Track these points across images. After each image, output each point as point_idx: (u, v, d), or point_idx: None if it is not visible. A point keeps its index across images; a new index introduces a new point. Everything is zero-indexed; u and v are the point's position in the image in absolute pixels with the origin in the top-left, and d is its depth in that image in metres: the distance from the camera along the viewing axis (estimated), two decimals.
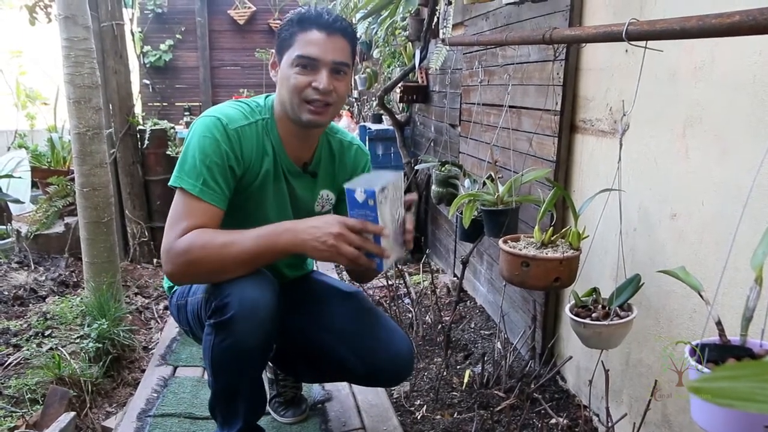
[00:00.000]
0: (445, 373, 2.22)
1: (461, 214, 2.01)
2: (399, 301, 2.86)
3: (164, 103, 6.37)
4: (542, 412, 1.90)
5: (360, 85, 5.05)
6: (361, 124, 4.71)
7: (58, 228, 3.36)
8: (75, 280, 3.04)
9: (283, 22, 1.46)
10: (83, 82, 2.37)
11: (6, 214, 3.38)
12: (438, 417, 1.97)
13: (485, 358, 2.15)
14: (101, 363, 2.20)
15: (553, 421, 1.81)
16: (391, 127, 3.94)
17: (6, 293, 2.75)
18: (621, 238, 1.47)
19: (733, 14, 0.96)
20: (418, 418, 1.97)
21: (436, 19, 3.06)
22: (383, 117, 4.25)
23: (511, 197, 1.85)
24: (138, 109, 4.31)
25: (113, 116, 3.36)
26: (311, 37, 1.40)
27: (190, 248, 1.32)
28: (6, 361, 2.12)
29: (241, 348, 1.39)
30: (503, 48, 2.35)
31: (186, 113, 6.03)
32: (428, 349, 2.47)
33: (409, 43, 3.86)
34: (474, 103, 2.69)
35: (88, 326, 2.32)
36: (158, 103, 6.34)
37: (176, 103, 6.35)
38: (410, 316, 2.70)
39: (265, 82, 6.43)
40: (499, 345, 2.23)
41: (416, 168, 3.63)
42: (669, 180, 1.48)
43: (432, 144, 3.57)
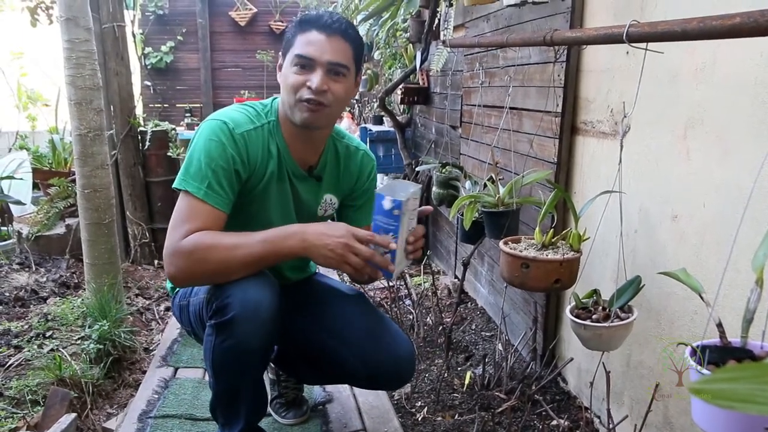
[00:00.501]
0: (446, 374, 2.22)
1: (462, 215, 2.02)
2: (400, 303, 2.86)
3: (165, 105, 6.37)
4: (543, 413, 1.90)
5: (361, 87, 5.06)
6: (362, 125, 4.71)
7: (59, 229, 3.36)
8: (76, 281, 3.04)
9: (289, 24, 1.46)
10: (84, 83, 2.37)
11: (7, 216, 3.39)
12: (439, 418, 1.97)
13: (486, 359, 2.15)
14: (102, 364, 2.20)
15: (554, 422, 1.81)
16: (392, 129, 3.94)
17: (7, 294, 2.75)
18: (622, 240, 1.47)
19: (734, 16, 0.96)
20: (419, 419, 1.97)
21: (437, 21, 3.06)
22: (384, 118, 4.25)
23: (512, 199, 1.85)
24: (139, 110, 4.31)
25: (114, 118, 3.36)
26: (310, 37, 1.41)
27: (194, 249, 1.32)
28: (7, 362, 2.12)
29: (242, 349, 1.39)
30: (504, 50, 2.35)
31: (187, 115, 6.03)
32: (429, 351, 2.46)
33: (410, 44, 3.86)
34: (475, 105, 2.69)
35: (89, 327, 2.32)
36: (159, 105, 6.33)
37: (177, 105, 6.35)
38: (411, 317, 2.70)
39: (266, 83, 6.43)
40: (500, 346, 2.23)
41: (417, 170, 3.63)
42: (670, 181, 1.48)
43: (433, 145, 3.58)
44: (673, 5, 1.45)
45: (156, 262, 3.59)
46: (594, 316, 1.42)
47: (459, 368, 2.32)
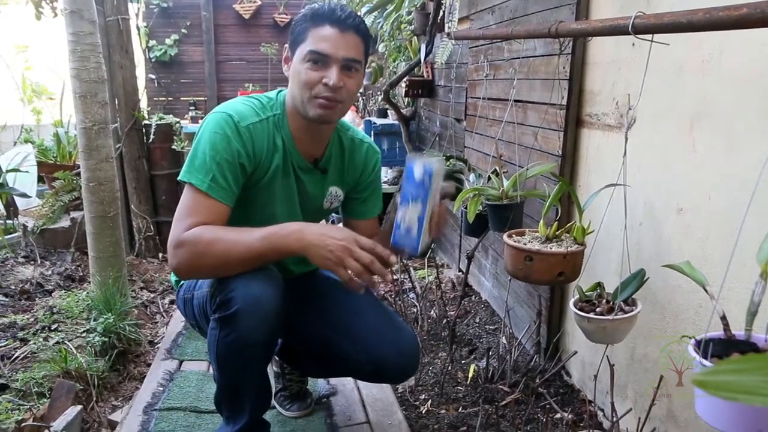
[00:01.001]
0: (449, 367, 2.22)
1: (466, 208, 2.01)
2: (404, 296, 2.87)
3: (169, 98, 6.36)
4: (547, 406, 1.90)
5: (365, 80, 5.04)
6: (366, 118, 4.71)
7: (64, 222, 3.37)
8: (81, 274, 3.05)
9: (297, 16, 1.45)
10: (89, 76, 2.38)
11: (13, 209, 3.40)
12: (443, 411, 1.97)
13: (490, 352, 2.15)
14: (107, 357, 2.22)
15: (558, 415, 1.81)
16: (396, 122, 3.93)
17: (13, 287, 2.77)
18: (626, 233, 1.47)
19: (740, 7, 0.95)
20: (423, 412, 1.98)
21: (441, 13, 3.05)
22: (388, 111, 4.25)
23: (516, 192, 1.85)
24: (143, 103, 4.32)
25: (119, 111, 3.37)
26: (324, 32, 1.39)
27: (196, 243, 1.33)
28: (13, 354, 2.14)
29: (246, 342, 1.39)
30: (509, 42, 2.34)
31: (191, 108, 6.02)
32: (433, 344, 2.47)
33: (415, 37, 3.85)
34: (479, 98, 2.68)
35: (94, 320, 2.33)
36: (163, 98, 6.33)
37: (181, 98, 6.34)
38: (415, 310, 2.70)
39: (271, 76, 6.42)
40: (504, 340, 2.23)
41: None
42: (675, 174, 1.47)
43: (437, 138, 3.57)
44: None
45: (160, 255, 3.60)
46: (598, 309, 1.42)
47: (463, 361, 2.33)
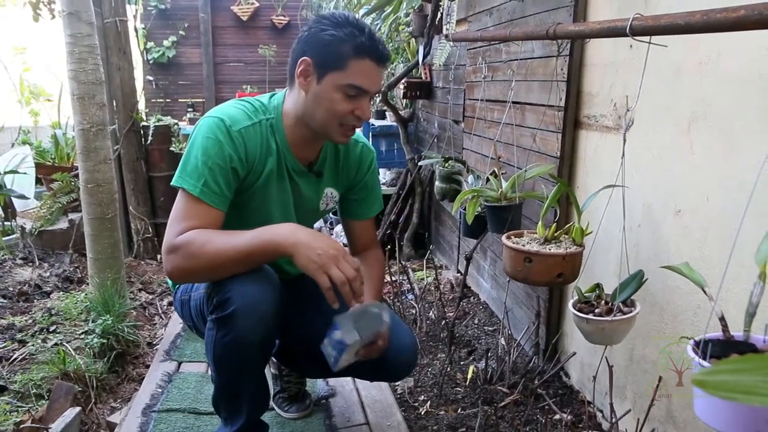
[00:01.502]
0: (448, 369, 2.22)
1: (465, 210, 2.01)
2: (402, 297, 2.87)
3: (167, 100, 6.36)
4: (546, 407, 1.90)
5: None
6: None
7: (63, 224, 3.37)
8: (79, 276, 3.05)
9: (329, 31, 1.38)
10: (87, 78, 2.37)
11: (10, 210, 3.39)
12: (442, 412, 1.97)
13: (489, 354, 2.15)
14: (106, 358, 2.21)
15: (557, 416, 1.81)
16: (394, 124, 3.93)
17: (11, 289, 2.76)
18: (625, 234, 1.47)
19: (738, 9, 0.95)
20: (422, 413, 1.98)
21: (439, 15, 3.05)
22: (386, 113, 4.25)
23: (515, 193, 1.85)
24: (141, 105, 4.31)
25: (117, 112, 3.36)
26: (365, 67, 1.39)
27: (188, 246, 1.33)
28: (11, 356, 2.13)
29: (243, 343, 1.39)
30: (507, 44, 2.34)
31: (189, 109, 6.02)
32: (432, 345, 2.47)
33: (413, 39, 3.86)
34: (477, 99, 2.68)
35: (92, 322, 2.33)
36: (161, 100, 6.33)
37: (179, 100, 6.34)
38: (414, 312, 2.70)
39: (269, 78, 6.42)
40: (502, 341, 2.23)
41: (420, 164, 3.63)
42: (673, 176, 1.48)
43: (435, 140, 3.57)
44: None
45: (159, 256, 3.60)
46: (597, 310, 1.42)
47: (462, 362, 2.33)
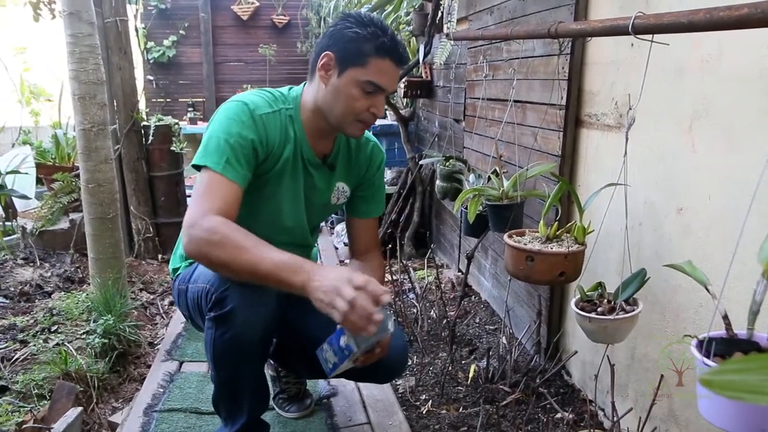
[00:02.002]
0: (450, 368, 2.22)
1: (466, 209, 2.01)
2: (404, 296, 2.86)
3: (168, 99, 6.36)
4: (548, 406, 1.90)
5: None
6: None
7: (64, 224, 3.37)
8: (80, 276, 3.05)
9: (353, 25, 1.43)
10: (88, 78, 2.37)
11: (11, 211, 3.39)
12: (443, 411, 1.97)
13: (490, 353, 2.15)
14: (107, 358, 2.21)
15: (559, 415, 1.81)
16: (395, 123, 3.93)
17: (12, 289, 2.76)
18: (627, 233, 1.47)
19: (741, 7, 0.95)
20: (424, 412, 1.98)
21: (440, 14, 3.04)
22: (387, 112, 4.24)
23: (516, 192, 1.85)
24: (142, 105, 4.31)
25: (117, 112, 3.36)
26: (385, 66, 1.44)
27: (213, 233, 1.29)
28: (13, 356, 2.13)
29: (243, 340, 1.39)
30: (508, 42, 2.34)
31: (190, 109, 6.03)
32: (433, 344, 2.47)
33: (413, 38, 3.85)
34: (478, 98, 2.68)
35: (94, 322, 2.32)
36: (162, 99, 6.33)
37: (180, 99, 6.34)
38: (415, 311, 2.70)
39: (269, 77, 6.42)
40: (504, 340, 2.23)
41: (420, 163, 3.63)
42: (675, 174, 1.48)
43: (436, 139, 3.57)
44: None
45: (160, 256, 3.59)
46: (599, 309, 1.42)
47: (463, 361, 2.33)
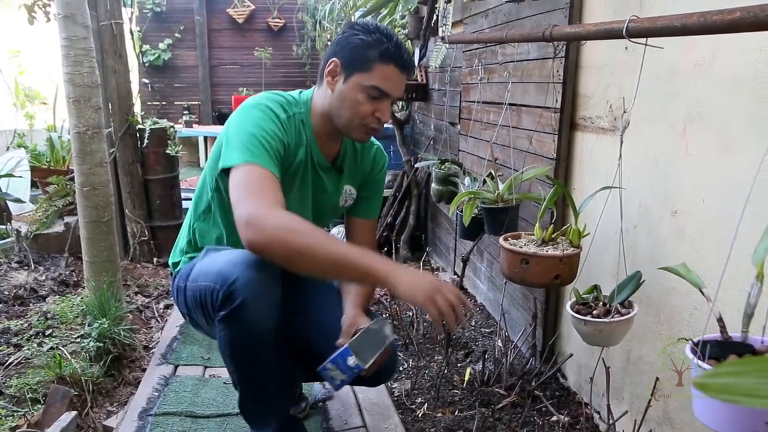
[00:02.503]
0: (445, 371, 2.22)
1: (461, 212, 2.01)
2: (399, 299, 2.86)
3: (163, 102, 6.36)
4: (543, 409, 1.90)
5: None
6: None
7: (58, 227, 3.35)
8: (75, 279, 3.03)
9: (359, 32, 1.47)
10: (83, 81, 2.36)
11: (6, 214, 3.38)
12: (439, 415, 1.97)
13: (486, 356, 2.15)
14: (102, 362, 2.20)
15: (554, 418, 1.81)
16: (390, 126, 3.94)
17: (6, 293, 2.75)
18: (622, 236, 1.47)
19: (734, 11, 0.96)
20: (420, 416, 1.97)
21: (435, 17, 3.06)
22: None
23: (512, 195, 1.85)
24: (137, 108, 4.31)
25: (113, 115, 3.35)
26: (389, 72, 1.46)
27: (291, 221, 1.31)
28: (7, 360, 2.12)
29: (259, 332, 1.38)
30: (503, 46, 2.35)
31: (185, 112, 6.02)
32: (429, 348, 2.47)
33: (409, 41, 3.86)
34: (474, 101, 2.68)
35: (88, 325, 2.31)
36: (157, 102, 6.33)
37: (175, 102, 6.34)
38: (410, 314, 2.70)
39: (265, 81, 6.42)
40: (499, 343, 2.23)
41: (416, 166, 3.63)
42: (670, 177, 1.48)
43: (432, 142, 3.57)
44: (671, 0, 1.45)
45: (155, 259, 3.58)
46: (594, 312, 1.42)
47: (459, 365, 2.33)
